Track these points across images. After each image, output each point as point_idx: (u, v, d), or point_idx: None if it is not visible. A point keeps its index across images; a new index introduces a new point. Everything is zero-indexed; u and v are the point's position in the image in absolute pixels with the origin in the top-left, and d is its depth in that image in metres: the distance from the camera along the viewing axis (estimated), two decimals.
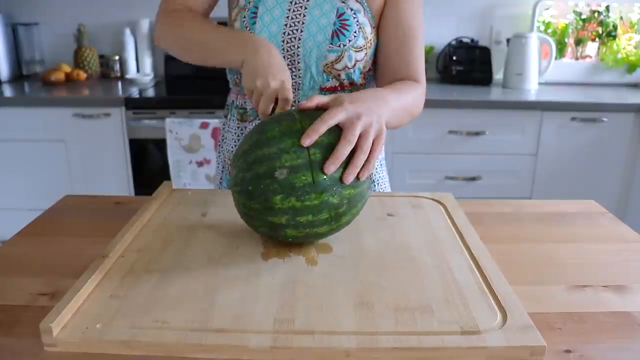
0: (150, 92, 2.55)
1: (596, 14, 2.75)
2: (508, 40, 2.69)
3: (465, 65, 2.72)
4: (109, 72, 2.84)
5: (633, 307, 0.67)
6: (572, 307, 0.67)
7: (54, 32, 2.86)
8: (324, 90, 1.07)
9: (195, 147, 2.30)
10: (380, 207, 0.92)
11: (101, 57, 2.85)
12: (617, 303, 0.68)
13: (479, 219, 0.92)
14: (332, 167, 0.71)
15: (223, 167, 1.22)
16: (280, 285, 0.68)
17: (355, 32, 1.02)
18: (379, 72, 1.11)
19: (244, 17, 1.04)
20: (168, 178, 2.34)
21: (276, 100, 0.88)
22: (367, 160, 0.75)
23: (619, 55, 2.75)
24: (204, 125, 2.26)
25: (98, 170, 2.45)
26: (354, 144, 0.73)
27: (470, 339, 0.58)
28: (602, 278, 0.75)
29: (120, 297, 0.65)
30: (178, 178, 2.35)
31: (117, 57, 2.83)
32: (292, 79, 1.06)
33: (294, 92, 1.07)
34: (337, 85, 1.07)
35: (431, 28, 2.78)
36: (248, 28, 1.03)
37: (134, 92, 2.46)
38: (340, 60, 1.03)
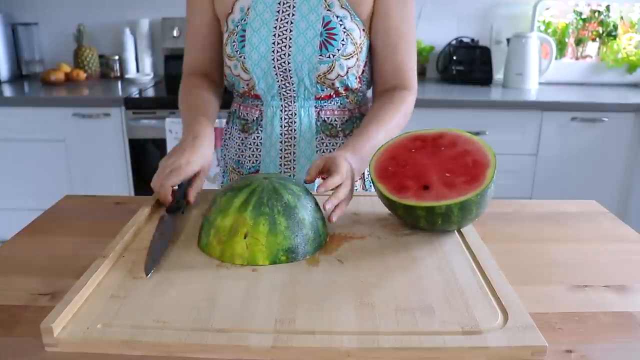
0: (150, 92, 2.55)
1: (596, 14, 2.75)
2: (508, 40, 2.69)
3: (465, 65, 2.72)
4: (108, 72, 2.84)
5: (634, 307, 0.67)
6: (573, 307, 0.67)
7: (54, 32, 2.86)
8: (319, 100, 1.07)
9: None
10: (382, 207, 0.92)
11: (101, 57, 2.84)
12: (618, 303, 0.68)
13: (479, 219, 0.92)
14: (319, 184, 0.80)
15: (224, 172, 1.23)
16: (281, 285, 0.68)
17: (342, 40, 1.01)
18: (372, 79, 1.12)
19: (234, 41, 1.04)
20: None
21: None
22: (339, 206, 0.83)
23: (619, 55, 2.75)
24: None
25: (98, 170, 2.45)
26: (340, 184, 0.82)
27: (472, 339, 0.57)
28: (602, 278, 0.75)
29: (121, 297, 0.65)
30: None
31: (116, 57, 2.83)
32: (287, 92, 1.07)
33: (290, 105, 1.08)
34: (331, 93, 1.07)
35: (431, 28, 2.78)
36: (238, 52, 1.04)
37: (134, 92, 2.46)
38: (332, 71, 1.03)
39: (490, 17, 2.82)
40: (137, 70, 2.87)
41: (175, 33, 2.76)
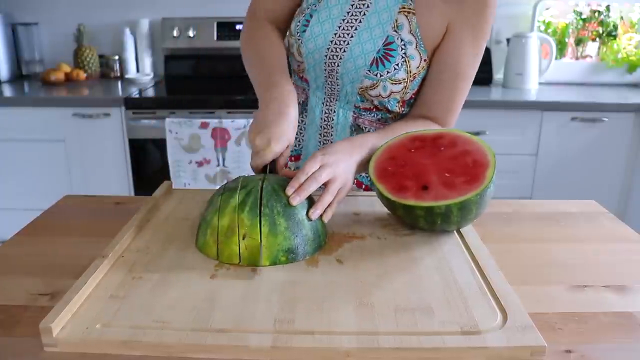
0: (150, 92, 2.55)
1: (596, 14, 2.75)
2: (508, 40, 2.68)
3: None
4: (108, 72, 2.84)
5: (634, 307, 0.67)
6: (572, 307, 0.67)
7: (54, 32, 2.86)
8: (358, 108, 1.06)
9: (195, 147, 2.30)
10: (382, 207, 0.92)
11: (101, 57, 2.84)
12: (618, 303, 0.68)
13: (478, 219, 0.92)
14: (290, 189, 0.77)
15: None
16: (281, 285, 0.68)
17: (397, 64, 0.97)
18: (415, 97, 1.06)
19: (299, 21, 1.03)
20: (168, 178, 2.34)
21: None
22: (330, 204, 0.82)
23: (620, 55, 2.74)
24: (204, 125, 2.26)
25: (98, 170, 2.45)
26: (310, 176, 0.80)
27: (471, 339, 0.57)
28: (602, 278, 0.75)
29: (120, 297, 0.65)
30: (178, 178, 2.35)
31: (116, 57, 2.83)
32: (331, 90, 1.06)
33: (332, 101, 1.07)
34: (371, 107, 1.05)
35: None
36: (298, 34, 1.03)
37: (134, 92, 2.46)
38: (374, 88, 1.00)
39: None
40: (137, 70, 2.87)
41: (175, 33, 2.76)
